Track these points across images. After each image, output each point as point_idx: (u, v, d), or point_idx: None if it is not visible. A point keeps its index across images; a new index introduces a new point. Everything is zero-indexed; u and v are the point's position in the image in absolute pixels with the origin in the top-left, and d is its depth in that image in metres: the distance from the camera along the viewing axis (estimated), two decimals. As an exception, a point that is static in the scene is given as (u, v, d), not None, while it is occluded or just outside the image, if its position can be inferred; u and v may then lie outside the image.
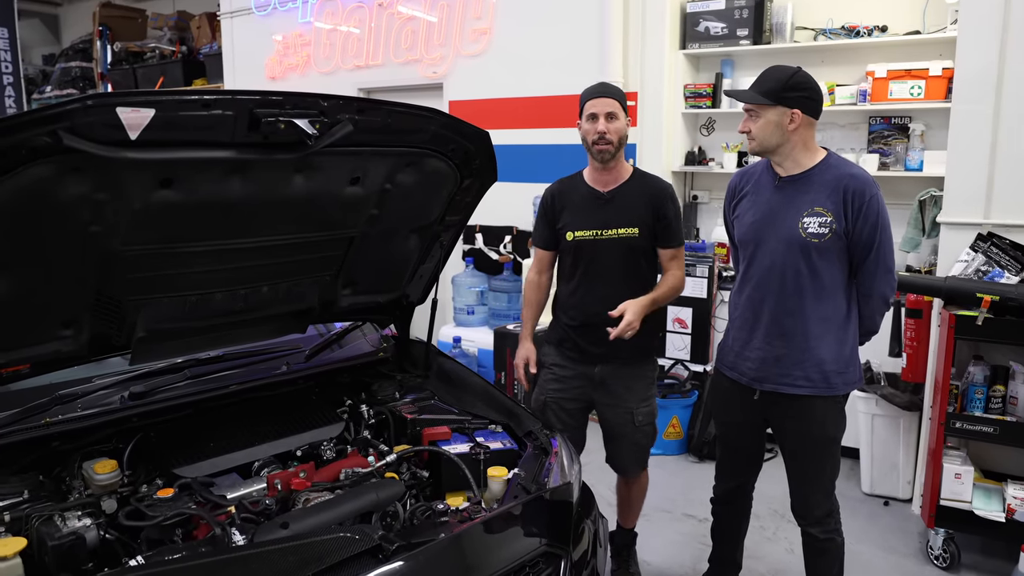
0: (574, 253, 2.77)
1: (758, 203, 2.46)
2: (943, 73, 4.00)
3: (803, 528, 2.61)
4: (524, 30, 5.21)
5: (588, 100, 2.71)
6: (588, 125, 2.69)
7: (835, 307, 2.39)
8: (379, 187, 2.11)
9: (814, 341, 2.38)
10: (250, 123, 1.66)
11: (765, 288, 2.43)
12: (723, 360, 2.64)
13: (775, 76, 2.36)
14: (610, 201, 2.74)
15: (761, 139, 2.37)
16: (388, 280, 2.53)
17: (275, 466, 2.04)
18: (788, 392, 2.43)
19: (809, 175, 2.37)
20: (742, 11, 4.47)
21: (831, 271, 2.36)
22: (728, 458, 2.76)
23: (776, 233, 2.38)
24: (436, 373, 2.67)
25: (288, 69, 6.44)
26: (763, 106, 2.34)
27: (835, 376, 2.41)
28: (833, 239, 2.31)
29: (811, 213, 2.33)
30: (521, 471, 2.07)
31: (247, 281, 2.09)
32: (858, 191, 2.29)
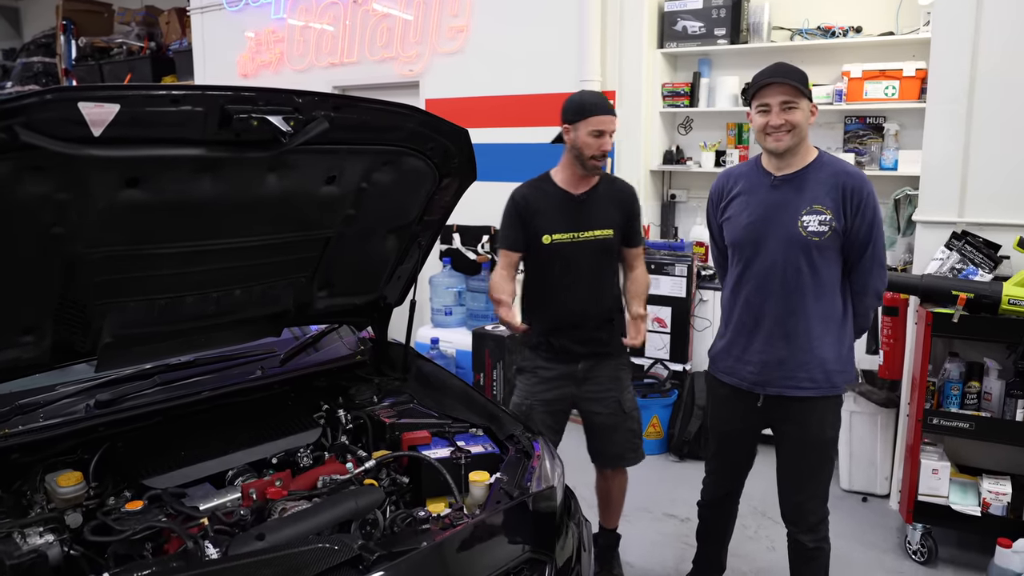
0: (551, 256, 2.75)
1: (755, 203, 2.40)
2: (916, 74, 4.03)
3: (793, 535, 2.56)
4: (502, 28, 5.17)
5: (597, 115, 2.66)
6: (592, 140, 2.66)
7: (833, 305, 2.37)
8: (355, 186, 2.06)
9: (816, 341, 2.35)
10: (221, 120, 1.61)
11: (766, 289, 2.38)
12: (719, 366, 2.57)
13: (797, 70, 2.29)
14: (584, 203, 2.77)
15: (798, 131, 2.28)
16: (365, 281, 2.48)
17: (250, 475, 1.99)
18: (792, 395, 2.38)
19: (805, 173, 2.34)
20: (719, 10, 4.46)
21: (829, 269, 2.34)
22: (722, 466, 2.71)
23: (775, 233, 2.34)
24: (415, 376, 2.63)
25: (261, 66, 6.34)
26: (802, 97, 2.26)
27: (837, 375, 2.39)
28: (832, 237, 2.29)
29: (810, 211, 2.30)
30: (503, 475, 2.03)
31: (219, 284, 2.04)
32: (856, 188, 2.28)
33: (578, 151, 2.69)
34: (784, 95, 2.25)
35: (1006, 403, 3.09)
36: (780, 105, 2.25)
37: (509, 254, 2.81)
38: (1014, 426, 3.05)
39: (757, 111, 2.32)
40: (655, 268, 4.49)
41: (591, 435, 2.93)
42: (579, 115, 2.67)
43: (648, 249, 4.54)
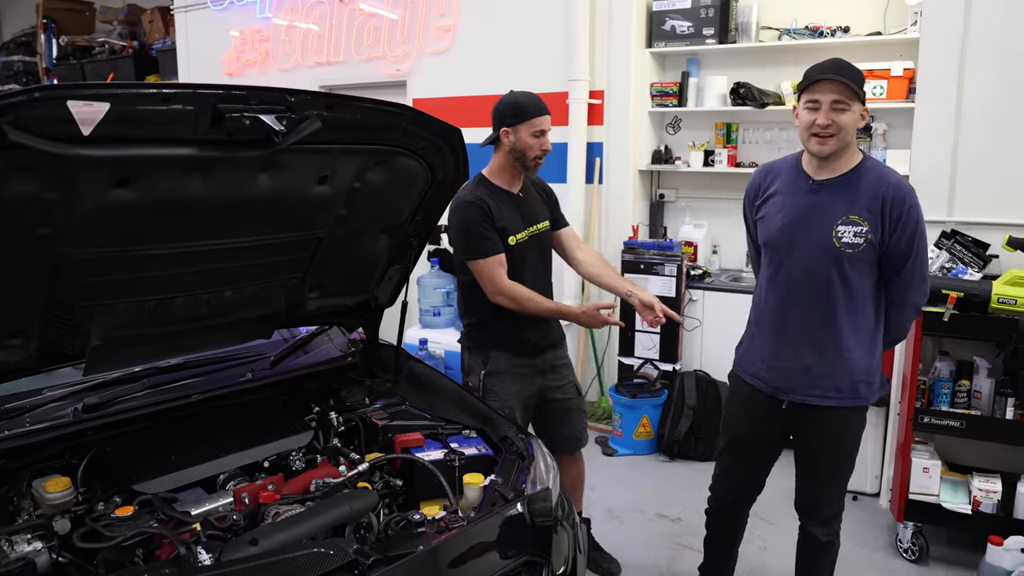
0: (515, 256, 2.77)
1: (790, 205, 2.31)
2: (904, 73, 4.05)
3: (806, 527, 2.52)
4: (489, 27, 5.16)
5: (540, 116, 2.70)
6: (535, 140, 2.70)
7: (865, 317, 2.29)
8: (348, 186, 2.04)
9: (846, 353, 2.29)
10: (213, 119, 1.58)
11: (794, 296, 2.32)
12: (744, 367, 2.52)
13: (857, 71, 2.16)
14: (523, 200, 2.83)
15: (845, 135, 2.16)
16: (357, 282, 2.46)
17: (242, 479, 1.96)
18: (816, 403, 2.33)
19: (846, 180, 2.23)
20: (708, 10, 4.46)
21: (862, 281, 2.25)
22: (735, 469, 2.61)
23: (808, 239, 2.25)
24: (406, 377, 2.61)
25: (246, 66, 6.29)
26: (855, 99, 2.13)
27: (863, 386, 2.33)
28: (868, 249, 2.20)
29: (846, 222, 2.20)
30: (498, 477, 2.01)
31: (210, 285, 2.01)
32: (897, 200, 2.17)
33: (520, 153, 2.71)
34: (837, 94, 2.12)
35: (996, 401, 3.11)
36: (831, 104, 2.13)
37: (499, 258, 2.72)
38: (1004, 424, 3.07)
39: (805, 107, 2.19)
40: (644, 268, 4.49)
41: (552, 422, 2.94)
42: (519, 117, 2.69)
43: (637, 249, 4.56)
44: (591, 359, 5.03)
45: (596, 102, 4.83)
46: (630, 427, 4.39)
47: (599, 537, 3.25)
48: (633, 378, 4.56)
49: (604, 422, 4.79)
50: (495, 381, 2.82)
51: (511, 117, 2.70)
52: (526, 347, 2.83)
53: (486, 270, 2.72)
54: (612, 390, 4.56)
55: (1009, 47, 3.21)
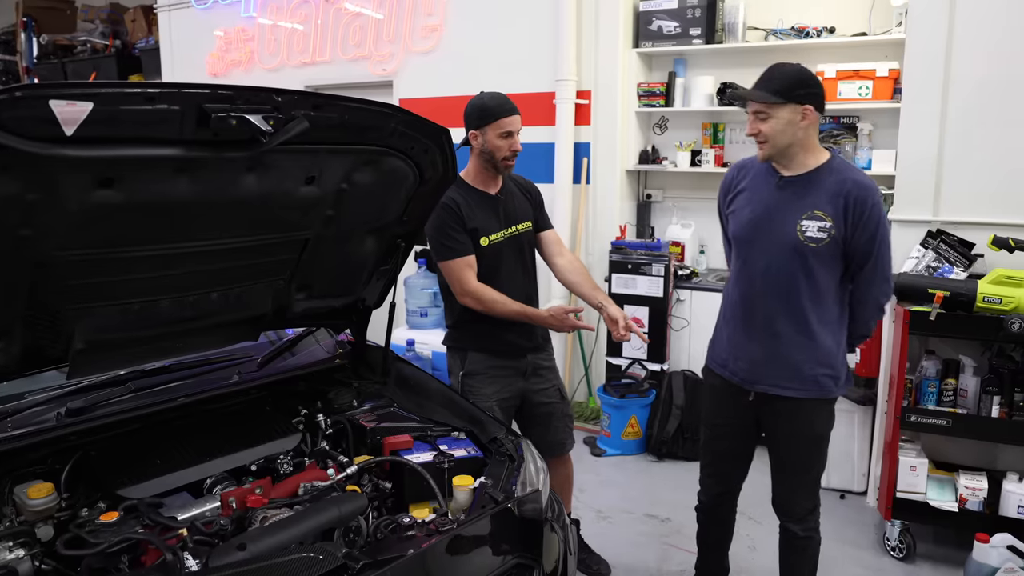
0: (489, 257, 2.75)
1: (757, 200, 2.39)
2: (889, 74, 4.07)
3: (784, 524, 2.58)
4: (476, 27, 5.14)
5: (505, 117, 2.68)
6: (503, 142, 2.69)
7: (828, 311, 2.35)
8: (335, 187, 2.02)
9: (808, 343, 2.34)
10: (199, 119, 1.56)
11: (759, 289, 2.38)
12: (715, 358, 2.58)
13: (784, 73, 2.27)
14: (503, 201, 2.81)
15: (774, 141, 2.26)
16: (344, 284, 2.44)
17: (229, 483, 1.94)
18: (778, 394, 2.39)
19: (811, 177, 2.30)
20: (694, 10, 4.47)
21: (826, 275, 2.31)
22: (715, 461, 2.68)
23: (773, 234, 2.33)
24: (394, 379, 2.60)
25: (231, 65, 6.25)
26: (775, 105, 2.24)
27: (827, 379, 2.38)
28: (831, 244, 2.26)
29: (810, 217, 2.27)
30: (488, 479, 2.01)
31: (195, 287, 1.98)
32: (860, 199, 2.24)
33: (489, 155, 2.71)
34: (755, 105, 2.27)
35: (981, 400, 3.13)
36: (753, 115, 2.28)
37: (467, 260, 2.72)
38: (990, 422, 3.09)
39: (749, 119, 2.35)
40: (632, 268, 4.49)
41: (535, 425, 2.92)
42: (484, 119, 2.68)
43: (625, 249, 4.56)
44: (579, 359, 5.03)
45: (583, 102, 4.82)
46: (618, 427, 4.39)
47: (588, 538, 3.25)
48: (621, 378, 4.56)
49: (592, 422, 4.79)
50: (473, 382, 2.82)
51: (477, 120, 2.70)
52: (506, 348, 2.81)
53: (454, 271, 2.73)
54: (600, 390, 4.56)
55: (994, 47, 3.23)
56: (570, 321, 2.64)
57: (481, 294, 2.70)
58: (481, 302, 2.70)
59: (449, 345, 2.95)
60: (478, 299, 2.70)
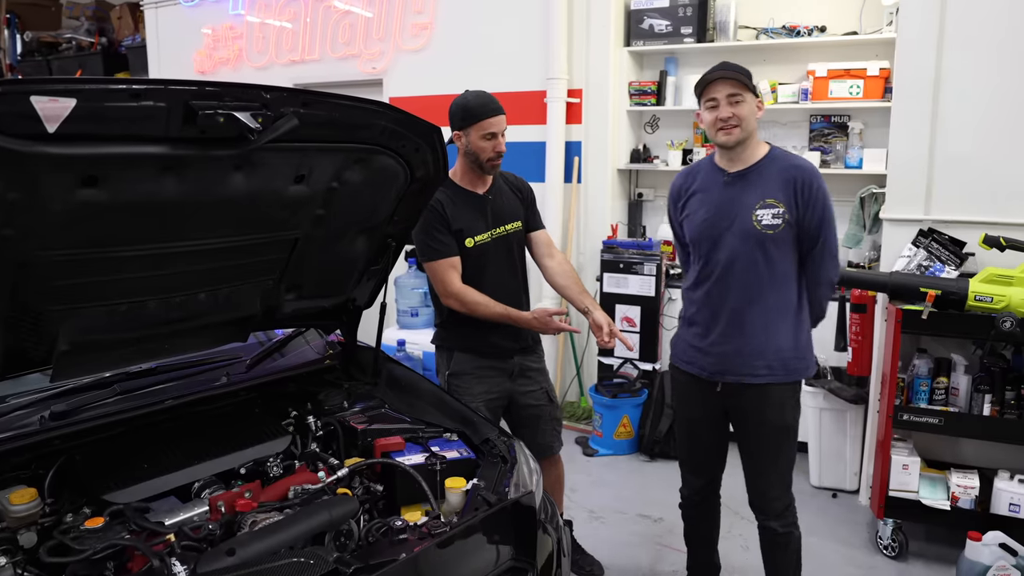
0: (476, 258, 2.73)
1: (709, 200, 2.46)
2: (880, 73, 4.08)
3: (762, 522, 2.60)
4: (467, 25, 5.12)
5: (488, 118, 2.64)
6: (486, 143, 2.65)
7: (789, 296, 2.43)
8: (325, 185, 2.00)
9: (773, 329, 2.41)
10: (185, 116, 1.53)
11: (725, 283, 2.43)
12: (679, 355, 2.63)
13: (740, 67, 2.37)
14: (492, 200, 2.78)
15: (746, 124, 2.34)
16: (334, 284, 2.41)
17: (217, 486, 1.91)
18: (749, 382, 2.44)
19: (757, 168, 2.40)
20: (686, 9, 4.46)
21: (785, 261, 2.39)
22: (692, 454, 2.74)
23: (731, 228, 2.39)
24: (385, 380, 2.57)
25: (218, 63, 6.20)
26: (747, 91, 2.33)
27: (793, 362, 2.45)
28: (786, 229, 2.35)
29: (763, 205, 2.35)
30: (480, 481, 1.98)
31: (183, 288, 1.95)
32: (806, 182, 2.34)
33: (474, 156, 2.68)
34: (730, 88, 2.32)
35: (973, 398, 3.14)
36: (727, 99, 2.32)
37: (450, 261, 2.70)
38: (981, 421, 3.09)
39: (706, 107, 2.39)
40: (624, 267, 4.48)
41: (522, 427, 2.90)
42: (467, 120, 2.65)
43: (616, 248, 4.55)
44: (570, 359, 5.01)
45: (574, 101, 4.81)
46: (610, 427, 4.37)
47: (581, 538, 3.23)
48: (613, 378, 4.55)
49: (584, 422, 4.77)
50: (458, 382, 2.80)
51: (460, 120, 2.66)
52: (492, 350, 2.79)
53: (437, 272, 2.71)
54: (592, 390, 4.55)
55: (985, 46, 3.23)
56: (554, 324, 2.62)
57: (464, 296, 2.68)
58: (464, 304, 2.68)
59: (437, 344, 2.93)
60: (461, 301, 2.68)
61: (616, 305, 4.56)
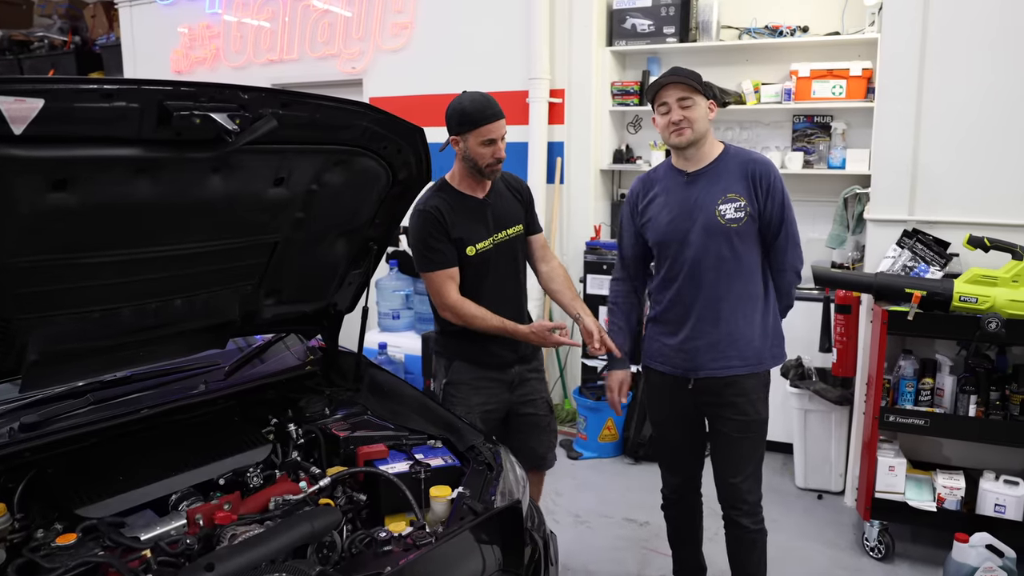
0: (477, 266, 2.64)
1: (671, 201, 2.49)
2: (863, 73, 4.07)
3: (733, 519, 2.61)
4: (448, 25, 5.08)
5: (487, 123, 2.52)
6: (485, 149, 2.54)
7: (756, 287, 2.48)
8: (305, 188, 1.96)
9: (743, 320, 2.46)
10: (160, 117, 1.49)
11: (694, 280, 2.46)
12: (652, 356, 2.64)
13: (690, 72, 2.42)
14: (492, 205, 2.69)
15: (696, 127, 2.39)
16: (315, 288, 2.37)
17: (195, 498, 1.86)
18: (723, 375, 2.47)
19: (716, 165, 2.46)
20: (668, 9, 4.44)
21: (750, 253, 2.45)
22: (669, 453, 2.76)
23: (696, 225, 2.43)
24: (368, 386, 2.53)
25: (195, 63, 6.11)
26: (697, 94, 2.38)
27: (764, 351, 2.50)
28: (748, 222, 2.41)
29: (725, 200, 2.41)
30: (466, 489, 1.95)
31: (158, 294, 1.90)
32: (763, 174, 2.41)
33: (473, 162, 2.57)
34: (680, 92, 2.37)
35: (958, 399, 3.13)
36: (677, 102, 2.38)
37: (448, 272, 2.60)
38: (967, 422, 3.09)
39: (659, 112, 2.44)
40: (607, 268, 4.45)
41: (520, 437, 2.80)
42: (464, 125, 2.53)
43: (599, 249, 4.52)
44: (554, 361, 4.98)
45: (557, 101, 4.78)
46: (595, 430, 4.34)
47: (567, 543, 3.19)
48: (597, 380, 4.51)
49: (568, 425, 4.74)
50: (455, 391, 2.71)
51: (456, 125, 2.55)
52: (491, 360, 2.70)
53: (434, 284, 2.62)
54: (576, 392, 4.51)
55: (970, 46, 3.23)
56: (553, 338, 2.54)
57: (460, 309, 2.59)
58: (460, 317, 2.59)
59: (435, 350, 2.86)
60: (457, 314, 2.60)
61: (600, 307, 4.51)
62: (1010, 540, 2.86)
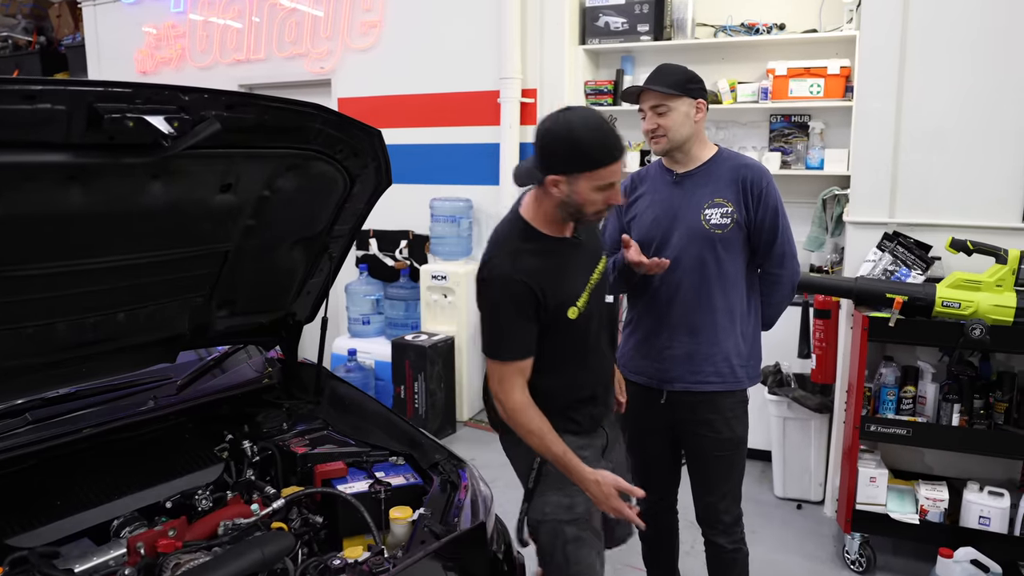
0: (578, 329, 2.00)
1: (657, 201, 2.39)
2: (841, 72, 4.00)
3: (709, 538, 2.51)
4: (417, 23, 4.98)
5: (607, 166, 1.82)
6: (598, 195, 1.85)
7: (739, 299, 2.36)
8: (256, 194, 1.87)
9: (723, 334, 2.34)
10: (90, 120, 1.39)
11: (672, 284, 2.34)
12: (625, 365, 2.52)
13: (674, 70, 2.32)
14: (582, 244, 2.05)
15: (673, 134, 2.29)
16: (271, 298, 2.28)
17: (139, 524, 1.77)
18: (699, 389, 2.35)
19: (706, 168, 2.35)
20: (642, 6, 4.36)
21: (734, 262, 2.34)
22: (643, 469, 2.59)
23: (679, 227, 2.33)
24: (328, 399, 2.45)
25: (160, 63, 5.96)
26: (673, 99, 2.26)
27: (742, 369, 2.38)
28: (735, 229, 2.30)
29: (712, 205, 2.30)
30: (427, 510, 1.87)
31: (98, 308, 1.80)
32: (755, 180, 2.30)
33: (575, 208, 1.88)
34: (654, 100, 2.28)
35: (941, 407, 3.04)
36: (651, 110, 2.29)
37: (524, 365, 1.93)
38: (950, 431, 3.00)
39: (640, 116, 2.36)
40: (583, 272, 4.36)
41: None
42: (578, 166, 1.82)
43: (575, 253, 4.41)
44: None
45: (529, 101, 4.68)
46: (570, 437, 4.25)
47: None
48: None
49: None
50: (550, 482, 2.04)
51: (565, 164, 1.82)
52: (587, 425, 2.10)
53: (502, 376, 1.93)
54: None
55: (950, 42, 3.17)
56: (616, 504, 1.92)
57: (523, 416, 1.92)
58: (518, 424, 1.93)
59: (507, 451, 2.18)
60: (517, 420, 1.93)
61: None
62: (995, 554, 2.80)
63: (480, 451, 4.50)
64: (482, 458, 4.45)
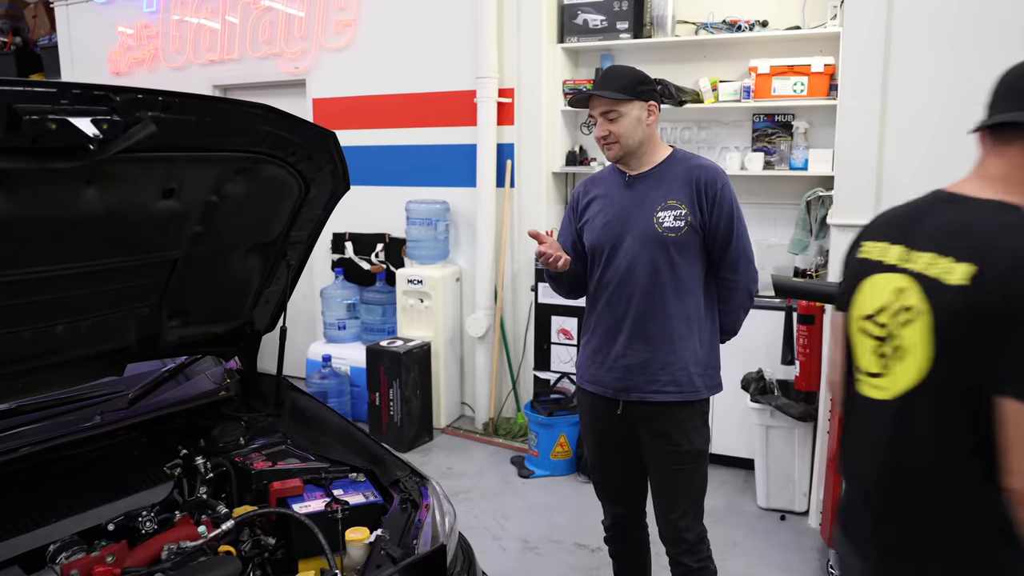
0: None
1: (609, 204, 2.35)
2: (825, 70, 3.93)
3: (674, 557, 2.41)
4: (393, 22, 4.89)
5: None
6: None
7: (696, 305, 2.30)
8: (202, 200, 1.78)
9: (679, 342, 2.27)
10: (9, 122, 1.29)
11: (625, 290, 2.29)
12: (583, 376, 2.45)
13: (623, 72, 2.30)
14: None
15: (626, 140, 2.25)
16: (227, 307, 2.19)
17: (78, 548, 1.65)
18: (655, 400, 2.28)
19: (659, 170, 2.31)
20: (622, 3, 4.27)
21: (690, 267, 2.28)
22: (606, 482, 2.55)
23: (631, 231, 2.28)
24: (289, 411, 2.35)
25: (134, 64, 5.86)
26: (623, 103, 2.23)
27: (699, 379, 2.30)
28: (689, 232, 2.24)
29: (665, 207, 2.25)
30: (385, 532, 1.77)
31: (31, 321, 1.71)
32: (709, 181, 2.25)
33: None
34: (602, 106, 2.25)
35: (923, 412, 2.99)
36: (601, 116, 2.26)
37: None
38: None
39: (592, 122, 2.35)
40: (562, 275, 4.28)
41: None
42: None
43: (554, 256, 4.33)
44: (506, 373, 4.79)
45: (506, 101, 4.59)
46: (547, 446, 4.14)
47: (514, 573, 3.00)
48: (550, 393, 4.33)
49: (520, 440, 4.54)
50: None
51: None
52: None
53: None
54: (528, 407, 4.30)
55: (936, 41, 3.10)
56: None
57: None
58: None
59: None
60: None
61: (552, 316, 4.36)
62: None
63: (457, 459, 4.42)
64: (459, 466, 4.38)
